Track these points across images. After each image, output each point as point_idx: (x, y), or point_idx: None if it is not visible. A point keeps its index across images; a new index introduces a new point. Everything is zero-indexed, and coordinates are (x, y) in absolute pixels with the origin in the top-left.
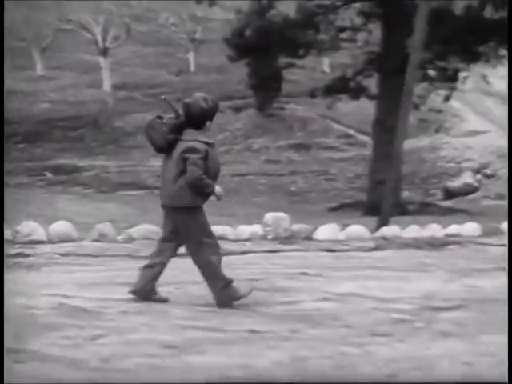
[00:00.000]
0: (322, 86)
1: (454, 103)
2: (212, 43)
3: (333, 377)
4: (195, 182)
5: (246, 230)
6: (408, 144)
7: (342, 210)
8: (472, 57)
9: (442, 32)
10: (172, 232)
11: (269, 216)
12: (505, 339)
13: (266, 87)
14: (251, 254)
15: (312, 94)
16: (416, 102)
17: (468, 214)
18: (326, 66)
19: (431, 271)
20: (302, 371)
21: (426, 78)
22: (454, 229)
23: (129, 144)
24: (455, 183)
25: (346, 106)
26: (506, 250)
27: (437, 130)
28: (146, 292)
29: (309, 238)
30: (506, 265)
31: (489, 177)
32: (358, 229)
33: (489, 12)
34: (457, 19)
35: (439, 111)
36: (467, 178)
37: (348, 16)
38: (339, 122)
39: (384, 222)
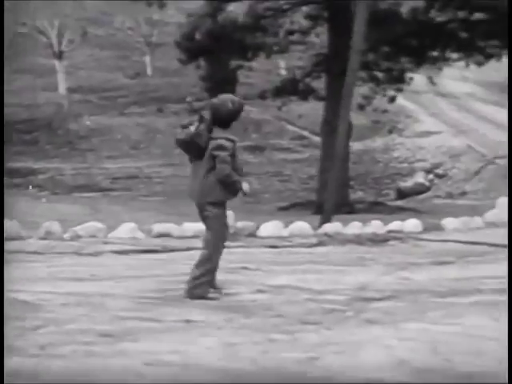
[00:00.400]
0: (272, 88)
1: (408, 104)
2: (168, 46)
3: (259, 360)
4: (225, 179)
5: (191, 227)
6: (362, 145)
7: (292, 209)
8: (419, 59)
9: (388, 34)
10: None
11: None
12: (428, 326)
13: (221, 90)
14: (195, 251)
15: (262, 96)
16: (362, 102)
17: (415, 213)
18: (282, 68)
19: (368, 265)
20: (230, 356)
21: (372, 79)
22: (395, 225)
23: (83, 147)
24: (407, 183)
25: (300, 107)
26: (444, 245)
27: (390, 131)
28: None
29: (253, 234)
30: (442, 259)
31: (440, 176)
32: (301, 226)
33: (434, 14)
34: (403, 21)
35: (392, 112)
36: (419, 178)
37: (296, 19)
38: (293, 123)
39: (326, 220)
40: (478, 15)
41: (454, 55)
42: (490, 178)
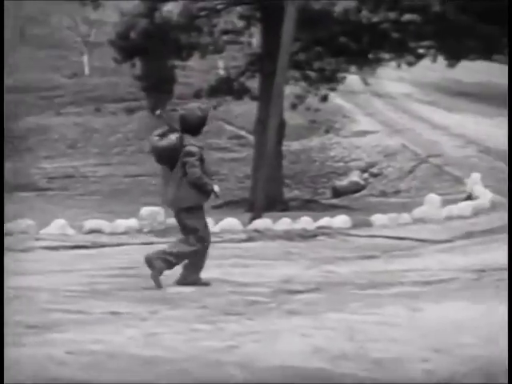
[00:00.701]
0: (207, 87)
1: (346, 105)
2: (106, 46)
3: (180, 348)
4: (196, 181)
5: (122, 223)
6: (299, 144)
7: (226, 207)
8: (351, 59)
9: (321, 34)
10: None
11: (144, 210)
12: (347, 316)
13: (158, 89)
14: (126, 246)
15: (198, 95)
16: (294, 101)
17: (348, 210)
18: (221, 68)
19: (295, 259)
20: (152, 345)
21: (306, 78)
22: (325, 221)
23: (21, 147)
24: (343, 182)
25: (238, 107)
26: (371, 240)
27: (327, 131)
28: (192, 281)
29: None
30: (368, 253)
31: (375, 175)
32: (231, 222)
33: (366, 15)
34: (336, 21)
35: (330, 112)
36: (354, 177)
37: (230, 19)
38: (231, 123)
39: (257, 216)
40: (408, 16)
41: (387, 55)
42: (423, 177)
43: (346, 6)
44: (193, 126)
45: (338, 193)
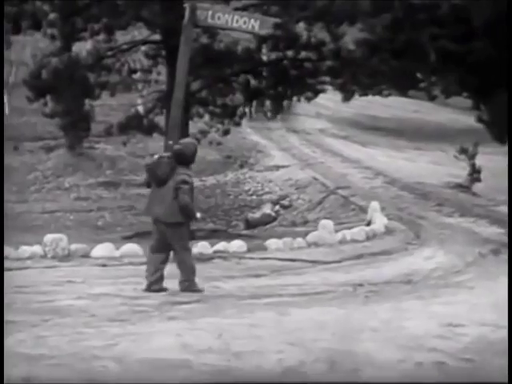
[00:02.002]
0: (116, 124)
1: (261, 140)
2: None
3: (62, 347)
4: (185, 207)
5: (27, 250)
6: (214, 179)
7: (136, 237)
8: (253, 95)
9: (223, 71)
10: (161, 241)
11: (47, 237)
12: (220, 320)
13: (76, 127)
14: (29, 270)
15: (108, 132)
16: (197, 136)
17: (250, 238)
18: (139, 105)
19: None
20: (38, 345)
21: (211, 113)
22: (221, 246)
23: None
24: (255, 214)
25: (154, 143)
26: (263, 262)
27: (241, 166)
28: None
29: (86, 256)
30: (257, 272)
31: (286, 207)
32: (131, 247)
33: (266, 53)
34: (238, 59)
35: (245, 148)
36: (266, 209)
37: (138, 58)
38: None
39: None
40: (305, 54)
41: (288, 91)
42: (330, 207)
43: (247, 45)
44: (187, 158)
45: (250, 225)
